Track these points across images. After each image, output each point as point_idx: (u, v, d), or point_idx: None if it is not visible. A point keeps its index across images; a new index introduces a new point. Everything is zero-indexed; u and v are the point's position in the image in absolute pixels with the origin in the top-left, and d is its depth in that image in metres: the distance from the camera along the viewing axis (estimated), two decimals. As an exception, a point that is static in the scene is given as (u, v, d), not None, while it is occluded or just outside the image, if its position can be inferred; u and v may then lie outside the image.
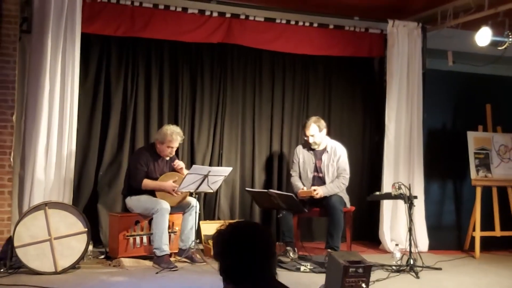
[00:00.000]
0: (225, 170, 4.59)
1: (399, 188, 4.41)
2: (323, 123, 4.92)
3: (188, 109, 5.41)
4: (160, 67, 5.30)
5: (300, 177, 5.00)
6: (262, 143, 5.68)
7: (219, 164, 5.42)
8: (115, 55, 5.14)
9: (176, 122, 5.29)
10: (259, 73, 5.69)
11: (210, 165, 5.31)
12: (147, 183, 4.41)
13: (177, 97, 5.35)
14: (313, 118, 4.90)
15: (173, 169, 4.61)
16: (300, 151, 5.03)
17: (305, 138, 4.94)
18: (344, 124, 5.98)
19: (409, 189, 4.43)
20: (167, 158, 4.61)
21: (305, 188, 4.84)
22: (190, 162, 5.27)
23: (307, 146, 5.00)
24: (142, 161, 4.44)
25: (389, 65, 5.60)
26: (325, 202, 4.80)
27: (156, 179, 4.48)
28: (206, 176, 4.38)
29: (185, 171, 4.55)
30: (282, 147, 5.74)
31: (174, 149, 4.51)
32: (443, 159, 5.72)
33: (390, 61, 5.59)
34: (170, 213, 4.40)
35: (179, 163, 4.58)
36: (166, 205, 4.33)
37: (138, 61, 5.21)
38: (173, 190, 4.39)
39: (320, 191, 4.77)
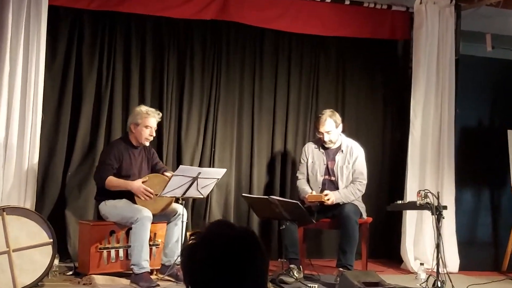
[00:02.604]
0: (218, 172, 4.60)
1: (426, 196, 4.41)
2: (339, 118, 4.96)
3: (175, 99, 5.42)
4: (141, 48, 5.31)
5: (308, 181, 5.02)
6: (262, 140, 5.69)
7: (211, 164, 5.43)
8: (89, 33, 5.14)
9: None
10: (260, 57, 5.70)
11: (200, 165, 5.31)
12: (111, 180, 4.40)
13: (162, 84, 5.35)
14: (328, 112, 4.93)
15: (154, 169, 4.63)
16: (310, 150, 5.05)
17: (319, 136, 4.95)
18: (360, 119, 6.00)
19: (438, 198, 4.43)
20: (152, 157, 4.63)
21: (314, 193, 4.85)
22: (177, 162, 5.28)
23: (319, 144, 5.02)
24: (113, 155, 4.45)
25: (416, 49, 5.60)
26: (337, 212, 4.81)
27: (131, 176, 4.48)
28: (195, 178, 4.38)
29: (168, 174, 4.56)
30: (286, 146, 5.75)
31: (154, 130, 4.55)
32: (479, 163, 5.73)
33: (417, 44, 5.59)
34: (152, 223, 4.40)
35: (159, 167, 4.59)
36: (147, 213, 4.33)
37: (116, 41, 5.22)
38: (144, 193, 4.37)
39: (332, 197, 4.78)
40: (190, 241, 1.44)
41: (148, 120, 4.51)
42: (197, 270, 1.40)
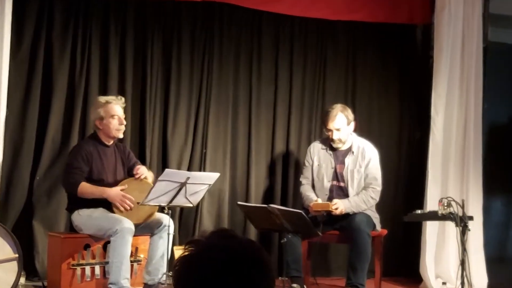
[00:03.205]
0: (210, 177, 4.59)
1: (449, 205, 4.40)
2: (351, 114, 4.97)
3: (160, 92, 5.43)
4: (122, 33, 5.30)
5: (313, 187, 5.01)
6: (261, 140, 5.69)
7: (202, 168, 5.44)
8: (60, 15, 5.12)
9: (143, 109, 5.32)
10: (258, 45, 5.69)
11: (190, 169, 5.32)
12: (85, 188, 4.39)
13: (145, 74, 5.35)
14: (339, 106, 4.94)
15: (132, 172, 4.62)
16: (316, 150, 5.05)
17: (327, 134, 4.95)
18: (373, 116, 6.00)
19: (463, 207, 4.43)
20: (127, 158, 4.65)
21: (319, 200, 4.84)
22: (162, 166, 5.27)
23: (326, 144, 5.02)
24: (80, 157, 4.44)
25: (437, 36, 5.60)
26: (346, 223, 4.80)
27: (105, 180, 4.48)
28: (183, 184, 4.38)
29: (149, 178, 4.54)
30: (288, 146, 5.75)
31: (123, 119, 4.57)
32: (510, 166, 5.72)
33: (439, 30, 5.58)
34: (134, 235, 4.39)
35: (141, 170, 4.54)
36: (128, 224, 4.32)
37: (92, 25, 5.22)
38: (123, 201, 4.35)
39: (340, 206, 4.77)
40: (187, 250, 1.41)
41: (112, 108, 4.53)
42: (193, 285, 1.38)
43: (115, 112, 4.52)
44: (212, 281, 1.37)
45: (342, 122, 4.88)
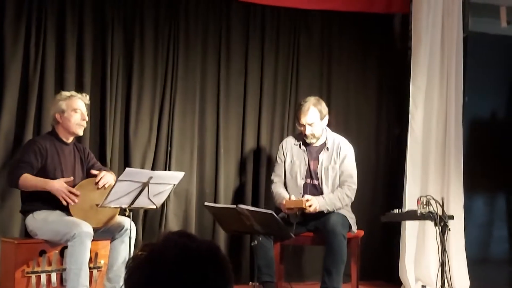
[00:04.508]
0: (175, 176, 4.57)
1: (428, 204, 4.43)
2: (325, 108, 5.00)
3: (121, 86, 5.41)
4: (79, 21, 5.27)
5: (285, 185, 5.03)
6: (230, 136, 5.69)
7: (167, 167, 5.43)
8: (11, 4, 5.07)
9: (103, 104, 5.29)
10: (226, 34, 5.70)
11: (154, 169, 5.31)
12: (26, 179, 4.34)
13: (105, 66, 5.32)
14: (312, 99, 4.97)
15: (90, 174, 4.60)
16: (289, 146, 5.07)
17: (300, 129, 4.96)
18: (350, 110, 6.03)
19: (442, 206, 4.45)
20: (86, 159, 4.64)
21: (293, 197, 4.85)
22: (124, 164, 5.26)
23: (300, 139, 5.03)
24: (32, 151, 4.41)
25: (415, 26, 5.64)
26: (320, 224, 4.82)
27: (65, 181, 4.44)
28: (145, 184, 4.36)
29: (110, 178, 4.51)
30: (260, 142, 5.77)
31: (86, 114, 4.57)
32: (492, 163, 5.77)
33: (417, 20, 5.62)
34: (93, 240, 4.37)
35: (106, 178, 4.51)
36: (87, 228, 4.30)
37: (47, 13, 5.17)
38: (67, 195, 4.32)
39: (315, 203, 4.79)
40: (137, 253, 1.42)
41: (75, 102, 4.52)
42: (145, 284, 1.38)
43: (77, 106, 4.52)
44: (165, 280, 1.38)
45: (315, 116, 4.90)
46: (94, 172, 4.56)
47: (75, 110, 4.52)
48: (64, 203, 4.33)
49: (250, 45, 5.75)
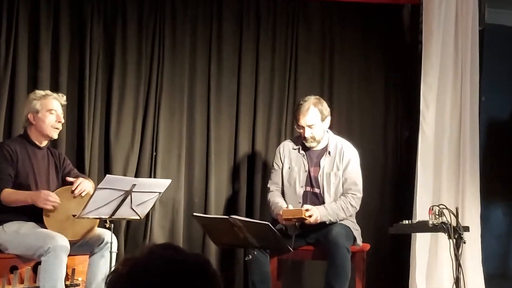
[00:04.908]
0: (160, 184, 4.56)
1: (441, 214, 4.41)
2: (326, 108, 4.98)
3: (101, 84, 5.42)
4: (55, 14, 5.27)
5: (283, 193, 5.01)
6: (221, 139, 5.70)
7: (152, 174, 5.46)
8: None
9: (81, 104, 5.28)
10: (218, 25, 5.70)
11: (137, 175, 5.34)
12: (8, 194, 4.37)
13: (83, 62, 5.33)
14: (312, 99, 4.95)
15: (66, 181, 4.60)
16: (287, 151, 5.05)
17: (299, 132, 4.94)
18: (354, 110, 6.03)
19: (457, 216, 4.43)
20: (62, 165, 4.64)
21: (291, 207, 4.83)
22: (104, 170, 5.28)
23: (299, 143, 5.02)
24: (3, 159, 4.43)
25: (427, 17, 5.64)
26: (322, 236, 4.81)
27: (35, 187, 4.46)
28: (128, 193, 4.34)
29: (88, 186, 4.49)
30: (254, 147, 5.77)
31: (61, 116, 4.58)
32: (512, 168, 5.76)
33: (429, 10, 5.63)
34: (70, 255, 4.36)
35: (83, 185, 4.51)
36: (62, 241, 4.28)
37: (19, 5, 5.19)
38: (50, 201, 4.32)
39: (315, 213, 4.76)
40: (118, 268, 1.43)
41: (51, 102, 4.53)
42: None
43: (53, 107, 4.53)
44: None
45: (315, 118, 4.88)
46: (70, 179, 4.56)
47: (50, 111, 4.53)
48: (49, 207, 4.34)
49: (244, 39, 5.75)
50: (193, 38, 5.64)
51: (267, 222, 4.47)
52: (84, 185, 4.52)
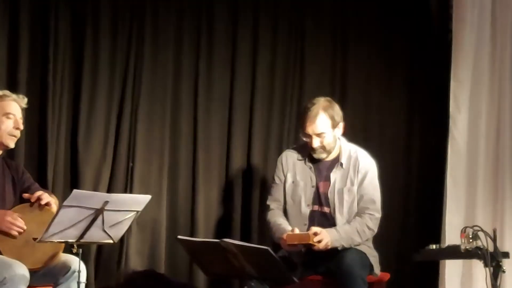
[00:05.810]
0: (138, 201, 4.53)
1: (475, 237, 4.40)
2: (338, 112, 4.97)
3: (68, 83, 5.45)
4: (14, 5, 5.29)
5: (285, 213, 5.02)
6: (212, 149, 5.74)
7: (128, 189, 5.48)
8: None
9: (43, 106, 5.30)
10: (208, 13, 5.75)
11: (109, 190, 5.36)
12: None
13: (47, 59, 5.35)
14: (322, 102, 4.94)
15: (23, 198, 4.60)
16: (291, 162, 5.06)
17: (305, 140, 4.95)
18: (371, 114, 6.10)
19: (494, 240, 4.41)
20: (20, 178, 4.65)
21: (297, 231, 4.81)
22: (70, 185, 5.30)
23: (304, 153, 5.03)
24: None
25: (458, 2, 5.72)
26: (333, 265, 4.80)
27: None
28: (100, 211, 4.33)
29: (53, 206, 4.52)
30: (250, 157, 5.82)
31: (21, 123, 4.56)
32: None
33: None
34: (30, 285, 4.34)
35: (44, 196, 4.52)
36: (20, 270, 4.27)
37: None
38: (15, 225, 4.34)
39: (326, 237, 4.74)
40: None
41: (9, 105, 4.52)
42: None
43: (11, 110, 4.51)
44: None
45: (325, 125, 4.87)
46: (27, 196, 4.55)
47: (8, 115, 4.51)
48: (15, 232, 4.34)
49: (239, 30, 5.80)
50: (178, 30, 5.66)
51: (266, 247, 4.44)
52: (45, 195, 4.51)
